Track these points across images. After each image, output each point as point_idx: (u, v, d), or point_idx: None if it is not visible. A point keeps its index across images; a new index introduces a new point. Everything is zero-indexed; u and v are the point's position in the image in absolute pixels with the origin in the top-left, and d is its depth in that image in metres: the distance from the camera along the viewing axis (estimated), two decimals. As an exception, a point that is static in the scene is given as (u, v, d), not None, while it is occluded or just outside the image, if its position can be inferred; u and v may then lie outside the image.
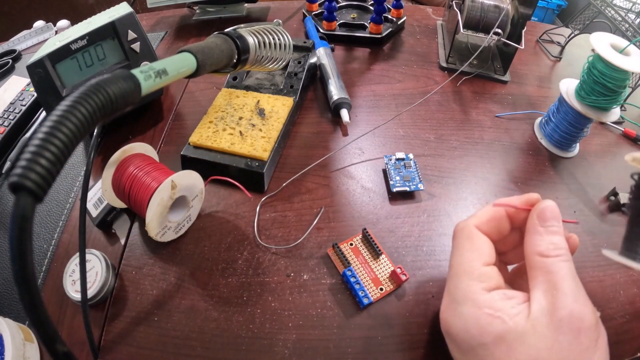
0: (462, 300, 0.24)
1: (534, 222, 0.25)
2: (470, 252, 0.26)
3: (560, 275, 0.22)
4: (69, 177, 0.44)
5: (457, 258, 0.26)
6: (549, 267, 0.23)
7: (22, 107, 0.51)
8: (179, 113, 0.50)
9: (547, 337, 0.21)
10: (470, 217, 0.28)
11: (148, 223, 0.32)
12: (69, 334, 0.32)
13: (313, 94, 0.52)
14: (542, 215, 0.25)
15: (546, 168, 0.44)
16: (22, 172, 0.15)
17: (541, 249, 0.24)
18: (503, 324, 0.22)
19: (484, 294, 0.23)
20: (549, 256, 0.23)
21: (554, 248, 0.23)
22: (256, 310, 0.33)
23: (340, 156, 0.44)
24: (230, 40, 0.33)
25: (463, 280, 0.24)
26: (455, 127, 0.48)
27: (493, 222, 0.27)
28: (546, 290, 0.22)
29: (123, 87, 0.20)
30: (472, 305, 0.23)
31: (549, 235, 0.24)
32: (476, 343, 0.22)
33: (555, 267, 0.22)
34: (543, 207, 0.25)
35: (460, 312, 0.24)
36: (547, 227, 0.24)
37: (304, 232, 0.37)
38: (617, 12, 0.55)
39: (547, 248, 0.23)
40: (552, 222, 0.24)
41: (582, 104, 0.41)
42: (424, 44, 0.62)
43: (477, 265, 0.25)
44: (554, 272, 0.22)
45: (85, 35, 0.42)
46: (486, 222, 0.27)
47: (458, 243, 0.27)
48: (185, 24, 0.70)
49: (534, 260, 0.24)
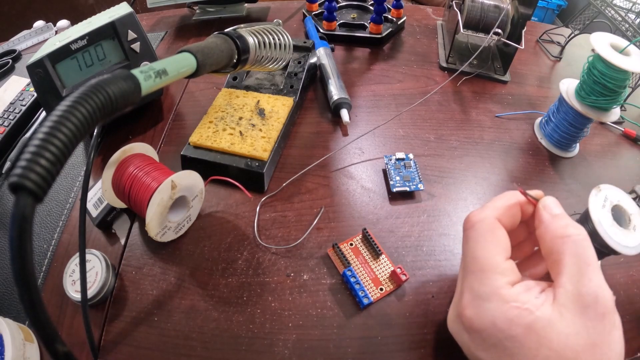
0: (488, 296, 0.23)
1: (543, 212, 0.26)
2: (493, 246, 0.25)
3: (583, 258, 0.22)
4: (69, 177, 0.44)
5: (479, 251, 0.25)
6: (573, 248, 0.23)
7: (22, 107, 0.51)
8: (179, 113, 0.50)
9: (575, 322, 0.21)
10: (486, 207, 0.27)
11: (148, 223, 0.32)
12: (69, 334, 0.32)
13: (313, 94, 0.52)
14: (548, 207, 0.26)
15: (546, 168, 0.44)
16: (22, 172, 0.15)
17: (561, 230, 0.24)
18: (531, 314, 0.22)
19: (509, 288, 0.23)
20: (571, 235, 0.23)
21: (572, 227, 0.24)
22: (256, 310, 0.33)
23: (340, 156, 0.44)
24: (230, 40, 0.33)
25: (489, 275, 0.24)
26: (455, 127, 0.48)
27: (510, 214, 0.27)
28: (571, 274, 0.22)
29: (123, 87, 0.20)
30: (499, 300, 0.23)
31: (560, 219, 0.25)
32: (504, 336, 0.22)
33: (579, 248, 0.23)
34: (548, 201, 0.26)
35: (487, 308, 0.23)
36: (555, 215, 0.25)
37: (304, 232, 0.37)
38: (617, 12, 0.55)
39: (566, 228, 0.24)
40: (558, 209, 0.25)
41: (582, 104, 0.41)
42: (424, 44, 0.62)
43: (500, 260, 0.24)
44: (578, 254, 0.22)
45: (85, 35, 0.42)
46: (505, 213, 0.26)
47: (478, 235, 0.26)
48: (185, 24, 0.70)
49: (557, 243, 0.24)
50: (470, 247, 0.26)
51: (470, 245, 0.26)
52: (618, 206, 0.31)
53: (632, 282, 0.35)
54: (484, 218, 0.26)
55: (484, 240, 0.25)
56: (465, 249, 0.27)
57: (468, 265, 0.26)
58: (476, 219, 0.26)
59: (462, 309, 0.25)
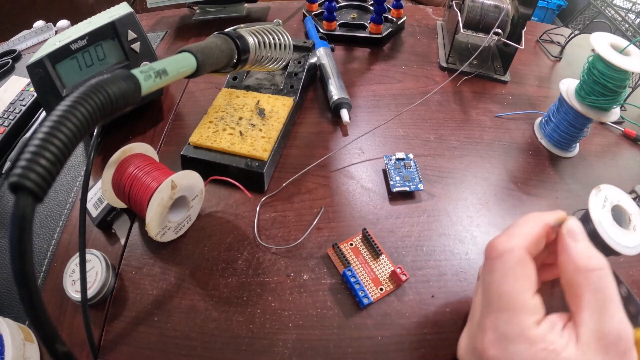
0: (515, 337, 0.22)
1: (567, 238, 0.24)
2: (522, 282, 0.23)
3: (605, 293, 0.22)
4: (69, 177, 0.44)
5: (507, 287, 0.23)
6: (595, 283, 0.22)
7: (22, 107, 0.51)
8: (179, 113, 0.50)
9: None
10: (513, 234, 0.25)
11: (148, 223, 0.32)
12: (69, 334, 0.32)
13: (313, 94, 0.52)
14: (572, 231, 0.24)
15: (546, 168, 0.44)
16: (22, 172, 0.15)
17: (584, 262, 0.23)
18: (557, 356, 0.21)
19: (536, 328, 0.22)
20: (594, 269, 0.22)
21: (596, 260, 0.23)
22: (256, 310, 0.33)
23: (340, 156, 0.44)
24: (230, 40, 0.33)
25: (517, 315, 0.23)
26: (455, 127, 0.48)
27: (537, 241, 0.25)
28: (593, 311, 0.22)
29: (123, 87, 0.20)
30: (526, 342, 0.22)
31: (585, 248, 0.23)
32: None
33: (602, 283, 0.22)
34: (572, 224, 0.25)
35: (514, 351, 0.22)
36: (579, 242, 0.24)
37: (304, 232, 0.37)
38: (617, 12, 0.55)
39: (590, 261, 0.23)
40: (582, 235, 0.24)
41: (582, 104, 0.41)
42: (424, 44, 0.62)
43: (529, 297, 0.23)
44: (600, 290, 0.22)
45: (85, 35, 0.42)
46: (533, 242, 0.24)
47: (507, 269, 0.24)
48: (185, 24, 0.70)
49: (579, 277, 0.23)
50: (496, 281, 0.24)
51: (497, 279, 0.24)
52: (618, 206, 0.31)
53: (632, 282, 0.35)
54: (512, 249, 0.24)
55: (513, 275, 0.23)
56: (489, 280, 0.24)
57: (493, 301, 0.24)
58: (504, 248, 0.24)
59: (484, 348, 0.23)
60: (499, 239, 0.25)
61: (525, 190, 0.41)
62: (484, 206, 0.40)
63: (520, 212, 0.39)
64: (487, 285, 0.25)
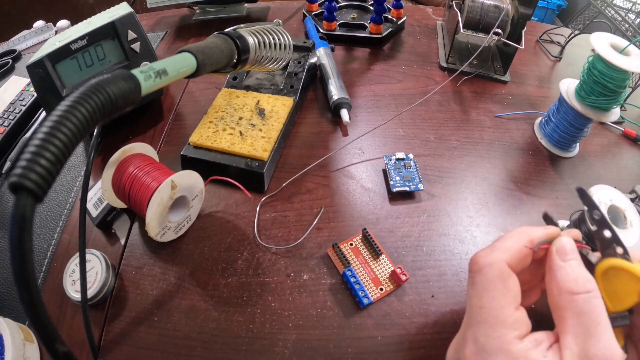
0: (494, 351, 0.22)
1: (555, 257, 0.24)
2: (503, 296, 0.23)
3: (591, 317, 0.21)
4: (69, 177, 0.44)
5: (487, 301, 0.23)
6: (580, 307, 0.21)
7: (22, 107, 0.51)
8: (179, 113, 0.50)
9: None
10: (495, 247, 0.25)
11: (148, 223, 0.32)
12: (69, 334, 0.32)
13: (313, 94, 0.52)
14: (562, 250, 0.24)
15: (546, 168, 0.44)
16: (22, 172, 0.15)
17: (569, 285, 0.22)
18: None
19: (517, 343, 0.22)
20: (579, 293, 0.22)
21: (582, 282, 0.22)
22: (256, 310, 0.33)
23: (340, 156, 0.44)
24: (230, 40, 0.33)
25: (497, 329, 0.22)
26: (455, 127, 0.48)
27: (521, 256, 0.25)
28: (577, 334, 0.21)
29: (123, 87, 0.20)
30: (506, 356, 0.21)
31: (573, 269, 0.23)
32: None
33: (587, 307, 0.21)
34: (563, 242, 0.24)
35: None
36: (568, 261, 0.23)
37: (304, 232, 0.37)
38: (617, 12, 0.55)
39: (575, 284, 0.22)
40: (572, 255, 0.23)
41: (582, 104, 0.41)
42: (424, 44, 0.62)
43: (510, 311, 0.23)
44: (585, 313, 0.21)
45: (85, 35, 0.42)
46: (515, 256, 0.24)
47: (487, 283, 0.24)
48: (185, 24, 0.70)
49: (563, 300, 0.22)
50: (477, 294, 0.24)
51: (477, 292, 0.24)
52: (613, 206, 0.31)
53: (632, 282, 0.35)
54: (492, 262, 0.24)
55: (493, 288, 0.23)
56: (471, 293, 0.25)
57: (474, 315, 0.24)
58: (484, 262, 0.24)
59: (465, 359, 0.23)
60: (481, 253, 0.25)
61: (525, 190, 0.41)
62: (484, 206, 0.40)
63: (520, 212, 0.39)
64: (469, 298, 0.25)
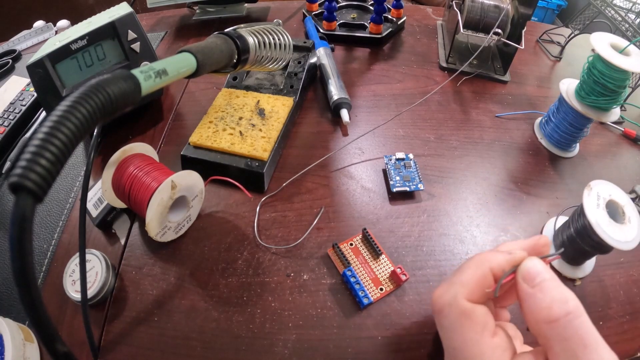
0: None
1: (523, 286, 0.22)
2: (472, 332, 0.22)
3: (576, 340, 0.19)
4: (69, 177, 0.44)
5: (457, 342, 0.22)
6: (562, 333, 0.20)
7: (22, 107, 0.51)
8: (179, 113, 0.50)
9: None
10: (451, 283, 0.24)
11: (148, 223, 0.32)
12: (69, 334, 0.32)
13: (313, 94, 0.52)
14: (527, 276, 0.22)
15: (546, 168, 0.44)
16: (22, 172, 0.15)
17: (544, 313, 0.20)
18: None
19: None
20: (558, 319, 0.20)
21: (558, 307, 0.20)
22: (256, 310, 0.33)
23: (340, 156, 0.44)
24: (230, 40, 0.33)
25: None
26: (455, 127, 0.48)
27: (482, 287, 0.23)
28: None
29: (123, 87, 0.20)
30: None
31: (544, 293, 0.21)
32: None
33: (569, 332, 0.20)
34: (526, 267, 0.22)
35: None
36: (538, 285, 0.21)
37: (304, 232, 0.37)
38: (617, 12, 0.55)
39: (549, 311, 0.20)
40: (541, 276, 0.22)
41: (582, 104, 0.41)
42: (424, 44, 0.62)
43: (486, 343, 0.21)
44: (569, 338, 0.20)
45: (85, 35, 0.42)
46: (475, 289, 0.23)
47: (451, 324, 0.23)
48: (185, 24, 0.70)
49: (542, 329, 0.21)
50: (445, 336, 0.23)
51: (447, 334, 0.23)
52: (611, 201, 0.31)
53: (632, 282, 0.35)
54: (451, 302, 0.23)
55: (460, 327, 0.22)
56: (441, 335, 0.24)
57: (451, 357, 0.23)
58: (443, 302, 0.23)
59: None
60: (438, 292, 0.24)
61: (525, 190, 0.41)
62: (484, 206, 0.40)
63: (520, 212, 0.39)
64: (442, 339, 0.24)
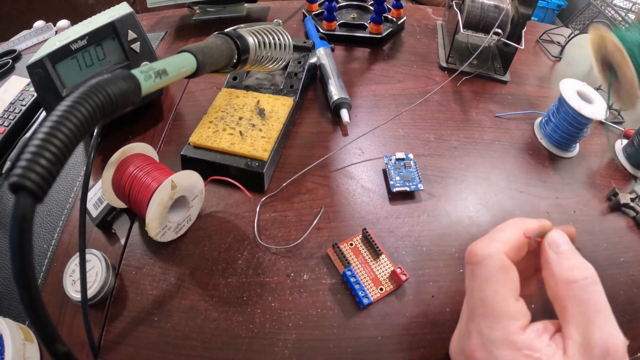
0: (499, 342, 0.22)
1: (548, 250, 0.24)
2: (505, 288, 0.23)
3: (591, 304, 0.21)
4: (69, 177, 0.44)
5: (489, 293, 0.23)
6: (578, 295, 0.22)
7: (22, 107, 0.51)
8: (179, 113, 0.50)
9: None
10: (493, 239, 0.25)
11: (148, 223, 0.32)
12: (69, 334, 0.32)
13: (313, 94, 0.52)
14: (553, 242, 0.24)
15: (546, 168, 0.44)
16: (22, 172, 0.15)
17: (565, 274, 0.22)
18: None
19: (521, 333, 0.22)
20: (577, 280, 0.22)
21: (578, 270, 0.22)
22: (256, 310, 0.33)
23: (340, 156, 0.44)
24: (230, 40, 0.33)
25: (500, 321, 0.23)
26: (455, 127, 0.48)
27: (518, 246, 0.25)
28: (578, 323, 0.21)
29: (123, 87, 0.20)
30: (511, 347, 0.22)
31: (567, 259, 0.23)
32: None
33: (586, 294, 0.21)
34: (553, 236, 0.24)
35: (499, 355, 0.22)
36: (562, 253, 0.23)
37: (304, 232, 0.37)
38: (617, 12, 0.55)
39: (570, 273, 0.22)
40: (565, 245, 0.24)
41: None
42: (424, 44, 0.62)
43: (512, 302, 0.23)
44: (585, 301, 0.21)
45: (85, 35, 0.42)
46: (513, 247, 0.24)
47: (488, 275, 0.24)
48: (185, 24, 0.70)
49: (561, 290, 0.22)
50: (477, 287, 0.24)
51: (478, 284, 0.24)
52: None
53: (632, 282, 0.35)
54: (492, 254, 0.24)
55: (495, 281, 0.23)
56: (471, 286, 0.25)
57: (476, 307, 0.24)
58: (483, 254, 0.24)
59: (470, 351, 0.23)
60: (479, 244, 0.25)
61: (525, 190, 0.41)
62: (484, 206, 0.40)
63: (520, 212, 0.39)
64: (470, 290, 0.25)
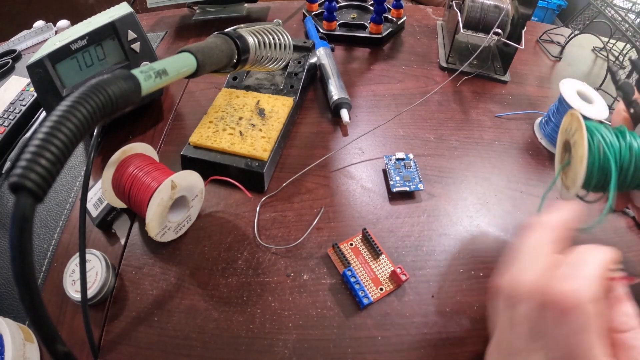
0: None
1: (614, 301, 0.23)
2: (601, 340, 0.19)
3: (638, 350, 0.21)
4: (69, 177, 0.44)
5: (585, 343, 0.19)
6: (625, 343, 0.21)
7: (22, 107, 0.51)
8: (179, 113, 0.50)
9: None
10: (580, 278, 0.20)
11: (148, 223, 0.32)
12: (69, 334, 0.32)
13: (313, 94, 0.52)
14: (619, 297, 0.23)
15: (546, 168, 0.44)
16: (22, 172, 0.15)
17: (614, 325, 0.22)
18: None
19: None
20: (624, 331, 0.21)
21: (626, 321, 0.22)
22: (256, 310, 0.33)
23: (340, 156, 0.44)
24: (230, 40, 0.33)
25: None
26: (455, 127, 0.48)
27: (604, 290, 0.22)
28: None
29: (123, 87, 0.20)
30: None
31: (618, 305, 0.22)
32: None
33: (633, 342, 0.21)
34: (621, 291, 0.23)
35: None
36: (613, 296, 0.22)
37: (304, 232, 0.37)
38: (617, 12, 0.55)
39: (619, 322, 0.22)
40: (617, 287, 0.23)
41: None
42: (424, 44, 0.62)
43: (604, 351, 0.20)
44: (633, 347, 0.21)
45: (85, 35, 0.42)
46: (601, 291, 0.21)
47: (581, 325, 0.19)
48: (185, 24, 0.70)
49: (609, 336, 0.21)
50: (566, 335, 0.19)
51: (572, 332, 0.19)
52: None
53: (632, 282, 0.35)
54: (592, 298, 0.19)
55: (594, 330, 0.19)
56: (555, 334, 0.20)
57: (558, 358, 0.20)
58: (579, 298, 0.19)
59: None
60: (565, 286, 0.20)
61: (525, 190, 0.41)
62: (484, 206, 0.40)
63: (520, 212, 0.39)
64: (554, 338, 0.20)
